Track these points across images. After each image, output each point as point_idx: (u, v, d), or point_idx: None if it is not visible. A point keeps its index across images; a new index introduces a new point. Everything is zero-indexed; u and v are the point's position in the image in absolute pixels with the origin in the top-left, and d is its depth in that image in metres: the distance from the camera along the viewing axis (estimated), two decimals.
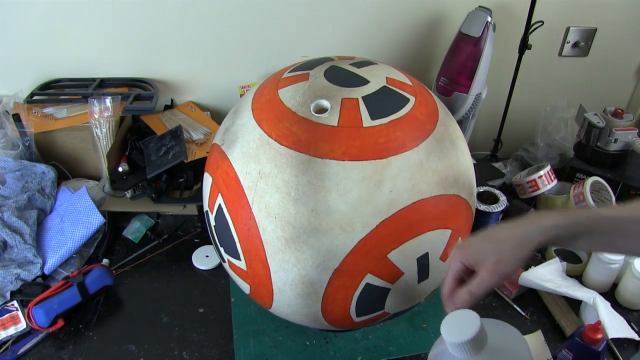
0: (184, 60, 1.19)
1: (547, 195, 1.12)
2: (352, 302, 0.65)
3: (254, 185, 0.62)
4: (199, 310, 0.89)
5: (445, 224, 0.65)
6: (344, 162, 0.60)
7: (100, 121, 1.04)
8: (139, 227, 1.05)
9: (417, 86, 0.71)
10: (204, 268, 0.97)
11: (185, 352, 0.81)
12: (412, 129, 0.64)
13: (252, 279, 0.68)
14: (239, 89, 1.22)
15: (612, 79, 1.35)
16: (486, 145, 1.35)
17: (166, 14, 1.12)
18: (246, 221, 0.63)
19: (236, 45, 1.18)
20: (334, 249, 0.61)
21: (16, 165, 1.02)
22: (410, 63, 1.27)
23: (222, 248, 0.71)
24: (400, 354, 0.81)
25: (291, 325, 0.84)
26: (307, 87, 0.66)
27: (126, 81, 1.18)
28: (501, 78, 1.22)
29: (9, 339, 0.82)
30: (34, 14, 1.08)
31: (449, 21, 1.21)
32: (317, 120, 0.62)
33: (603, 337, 0.71)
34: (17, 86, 1.13)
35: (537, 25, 1.12)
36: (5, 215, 0.95)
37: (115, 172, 1.05)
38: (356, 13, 1.18)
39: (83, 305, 0.88)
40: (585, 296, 0.85)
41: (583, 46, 1.27)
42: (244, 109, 0.70)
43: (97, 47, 1.15)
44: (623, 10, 1.24)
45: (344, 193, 0.59)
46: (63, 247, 0.94)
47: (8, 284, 0.88)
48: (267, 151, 0.62)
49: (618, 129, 1.11)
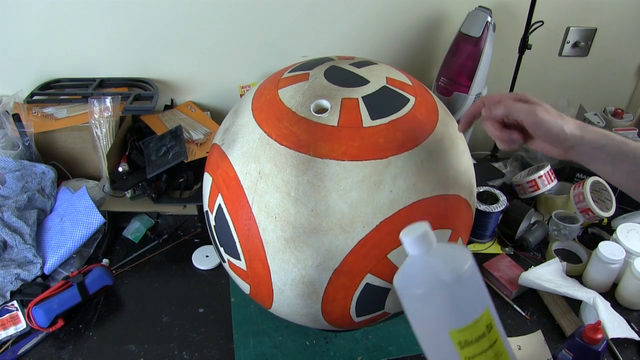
0: (184, 60, 1.19)
1: (547, 195, 1.12)
2: (352, 302, 0.65)
3: (254, 185, 0.62)
4: (199, 310, 0.89)
5: (445, 224, 0.65)
6: (344, 162, 0.60)
7: (100, 121, 1.04)
8: (139, 227, 1.05)
9: (417, 86, 0.71)
10: (204, 268, 0.97)
11: (185, 352, 0.81)
12: (412, 129, 0.64)
13: (252, 279, 0.68)
14: (239, 89, 1.22)
15: (612, 79, 1.35)
16: (486, 145, 1.35)
17: (166, 14, 1.12)
18: (246, 221, 0.63)
19: (236, 45, 1.18)
20: (334, 249, 0.61)
21: (16, 165, 1.02)
22: (410, 63, 1.27)
23: (222, 248, 0.71)
24: (400, 354, 0.81)
25: (291, 325, 0.84)
26: (307, 87, 0.66)
27: (126, 81, 1.18)
28: (501, 78, 1.22)
29: (9, 339, 0.82)
30: (34, 14, 1.08)
31: (449, 21, 1.21)
32: (317, 120, 0.62)
33: (603, 337, 0.71)
34: (17, 86, 1.13)
35: (537, 25, 1.12)
36: (5, 215, 0.95)
37: (115, 172, 1.05)
38: (356, 13, 1.18)
39: (83, 305, 0.88)
40: (585, 296, 0.85)
41: (583, 46, 1.27)
42: (244, 109, 0.70)
43: (97, 47, 1.15)
44: (623, 10, 1.24)
45: (344, 193, 0.59)
46: (63, 247, 0.94)
47: (8, 284, 0.88)
48: (267, 151, 0.62)
49: (618, 129, 1.11)
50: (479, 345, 0.43)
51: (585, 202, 1.03)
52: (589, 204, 1.02)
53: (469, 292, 0.43)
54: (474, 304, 0.43)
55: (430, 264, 0.43)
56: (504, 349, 0.44)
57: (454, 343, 0.43)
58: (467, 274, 0.42)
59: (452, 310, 0.42)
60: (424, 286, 0.42)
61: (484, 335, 0.43)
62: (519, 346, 0.81)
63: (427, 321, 0.45)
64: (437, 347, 0.45)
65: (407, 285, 0.43)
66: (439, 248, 0.43)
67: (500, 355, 0.44)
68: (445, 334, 0.43)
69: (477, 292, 0.44)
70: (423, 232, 0.42)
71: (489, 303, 0.45)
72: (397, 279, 0.44)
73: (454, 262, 0.43)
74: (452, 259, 0.43)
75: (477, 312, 0.43)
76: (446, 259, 0.43)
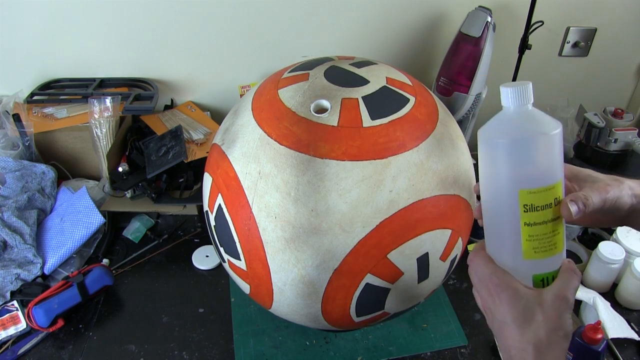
0: (184, 60, 1.19)
1: None
2: (352, 302, 0.65)
3: (254, 185, 0.62)
4: (199, 310, 0.89)
5: (445, 224, 0.65)
6: (344, 162, 0.60)
7: (100, 121, 1.04)
8: (139, 227, 1.05)
9: (417, 86, 0.71)
10: (204, 268, 0.97)
11: (185, 352, 0.81)
12: (412, 129, 0.64)
13: (252, 279, 0.68)
14: (239, 89, 1.22)
15: (612, 79, 1.35)
16: None
17: (166, 14, 1.12)
18: (246, 221, 0.63)
19: (236, 45, 1.18)
20: (334, 249, 0.61)
21: (16, 165, 1.02)
22: (410, 63, 1.27)
23: (222, 248, 0.71)
24: (400, 354, 0.81)
25: (291, 325, 0.84)
26: (307, 87, 0.66)
27: (126, 81, 1.18)
28: (501, 78, 1.21)
29: (9, 339, 0.82)
30: (34, 14, 1.08)
31: (449, 21, 1.21)
32: (317, 120, 0.62)
33: (603, 337, 0.71)
34: (17, 86, 1.13)
35: (537, 25, 1.12)
36: (5, 215, 0.95)
37: (115, 172, 1.05)
38: (356, 13, 1.18)
39: (83, 305, 0.88)
40: (585, 296, 0.85)
41: (583, 46, 1.27)
42: (244, 109, 0.70)
43: (97, 47, 1.14)
44: (623, 10, 1.24)
45: (344, 193, 0.59)
46: (63, 247, 0.94)
47: (8, 284, 0.88)
48: (267, 151, 0.62)
49: (618, 129, 1.11)
50: (542, 214, 0.42)
51: None
52: None
53: (551, 158, 0.42)
54: (553, 170, 0.42)
55: (523, 118, 0.42)
56: (562, 230, 0.43)
57: (520, 204, 0.42)
58: (553, 139, 0.42)
59: (531, 169, 0.42)
60: (511, 136, 0.41)
61: (551, 206, 0.42)
62: None
63: (499, 177, 0.43)
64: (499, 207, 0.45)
65: (492, 133, 0.43)
66: (534, 110, 0.43)
67: (557, 235, 0.43)
68: (514, 193, 0.42)
69: (558, 161, 0.43)
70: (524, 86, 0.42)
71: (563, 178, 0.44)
72: (483, 128, 0.44)
73: (545, 124, 0.42)
74: (544, 121, 0.42)
75: (554, 179, 0.42)
76: (539, 119, 0.42)
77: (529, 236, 0.43)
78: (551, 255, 0.44)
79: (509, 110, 0.43)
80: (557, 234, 0.43)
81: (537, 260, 0.44)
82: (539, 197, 0.42)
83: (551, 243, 0.43)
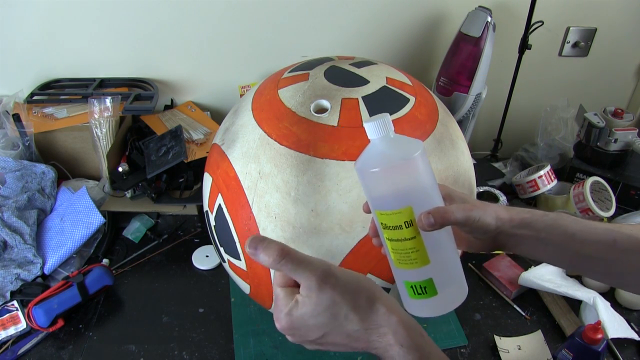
0: (184, 60, 1.19)
1: (547, 195, 1.12)
2: None
3: (254, 185, 0.62)
4: (199, 310, 0.89)
5: None
6: (344, 162, 0.60)
7: (100, 121, 1.04)
8: (139, 227, 1.05)
9: (417, 86, 0.71)
10: (204, 268, 0.97)
11: (185, 352, 0.81)
12: (412, 129, 0.64)
13: (252, 279, 0.68)
14: (239, 89, 1.22)
15: (612, 79, 1.35)
16: (486, 145, 1.35)
17: (166, 14, 1.12)
18: (246, 221, 0.63)
19: (236, 45, 1.18)
20: (334, 249, 0.61)
21: (16, 165, 1.02)
22: (410, 63, 1.27)
23: (222, 248, 0.71)
24: None
25: None
26: (307, 87, 0.66)
27: (126, 81, 1.18)
28: (501, 78, 1.22)
29: (9, 339, 0.82)
30: (34, 14, 1.08)
31: (449, 21, 1.21)
32: (317, 120, 0.62)
33: (603, 337, 0.71)
34: (17, 86, 1.13)
35: (537, 25, 1.12)
36: (5, 215, 0.95)
37: (115, 172, 1.05)
38: (356, 13, 1.18)
39: (83, 305, 0.88)
40: (585, 296, 0.85)
41: (583, 46, 1.27)
42: (244, 109, 0.70)
43: (97, 47, 1.15)
44: (623, 10, 1.24)
45: (344, 193, 0.59)
46: (63, 247, 0.94)
47: (8, 284, 0.88)
48: (267, 151, 0.62)
49: (618, 129, 1.11)
50: (397, 233, 0.47)
51: (585, 202, 1.03)
52: (589, 204, 1.02)
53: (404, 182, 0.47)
54: (404, 196, 0.47)
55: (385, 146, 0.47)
56: (423, 247, 0.47)
57: (379, 221, 0.48)
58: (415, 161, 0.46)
59: (380, 194, 0.47)
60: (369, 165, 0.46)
61: (401, 227, 0.47)
62: (519, 346, 0.81)
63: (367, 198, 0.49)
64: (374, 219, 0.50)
65: (360, 163, 0.47)
66: (396, 137, 0.47)
67: (417, 252, 0.47)
68: (374, 212, 0.48)
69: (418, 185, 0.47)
70: (382, 120, 0.46)
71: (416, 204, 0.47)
72: (358, 159, 0.48)
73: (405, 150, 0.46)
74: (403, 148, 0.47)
75: (401, 205, 0.46)
76: (400, 147, 0.47)
77: (392, 249, 0.49)
78: (415, 267, 0.48)
79: (374, 142, 0.47)
80: (417, 251, 0.47)
81: (404, 270, 0.49)
82: (389, 219, 0.47)
83: (411, 258, 0.48)
